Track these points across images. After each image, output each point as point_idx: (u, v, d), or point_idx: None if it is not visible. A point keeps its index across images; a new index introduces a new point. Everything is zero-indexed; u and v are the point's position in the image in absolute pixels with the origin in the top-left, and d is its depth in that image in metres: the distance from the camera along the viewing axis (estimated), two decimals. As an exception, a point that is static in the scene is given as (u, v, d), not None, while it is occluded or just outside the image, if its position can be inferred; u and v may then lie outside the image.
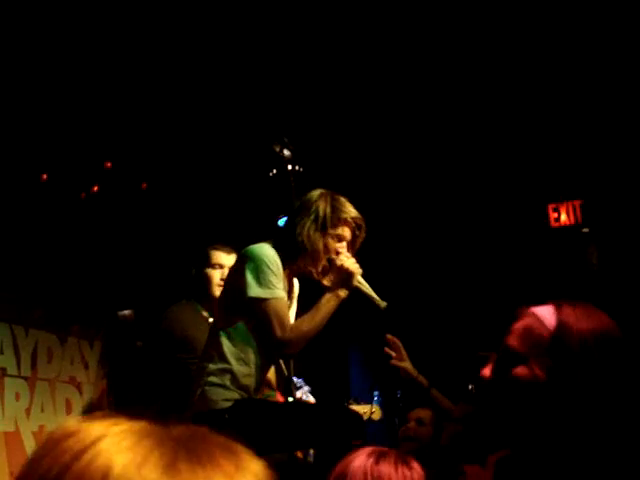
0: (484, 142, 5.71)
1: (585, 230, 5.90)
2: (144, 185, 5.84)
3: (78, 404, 5.75)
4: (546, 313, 1.56)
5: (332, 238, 3.27)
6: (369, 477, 1.85)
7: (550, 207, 6.06)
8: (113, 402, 5.75)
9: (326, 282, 3.29)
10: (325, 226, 3.25)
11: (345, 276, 3.21)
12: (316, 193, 3.33)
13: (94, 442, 0.68)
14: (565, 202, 6.01)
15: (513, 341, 1.55)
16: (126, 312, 5.86)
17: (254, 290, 3.15)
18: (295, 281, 3.47)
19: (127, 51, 4.82)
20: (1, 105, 4.84)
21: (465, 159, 5.84)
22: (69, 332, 5.82)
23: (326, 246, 3.26)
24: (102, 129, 5.31)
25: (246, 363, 3.21)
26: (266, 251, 3.21)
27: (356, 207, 3.37)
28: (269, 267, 3.16)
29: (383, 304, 3.28)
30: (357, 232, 3.34)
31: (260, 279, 3.15)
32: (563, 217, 5.98)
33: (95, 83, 4.97)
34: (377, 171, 5.97)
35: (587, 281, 5.60)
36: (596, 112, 5.48)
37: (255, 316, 3.18)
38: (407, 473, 1.89)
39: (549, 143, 5.72)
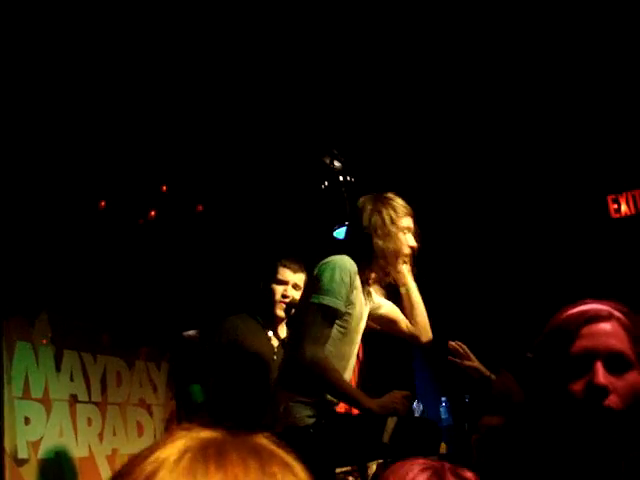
0: (542, 134, 5.63)
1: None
2: (200, 207, 5.90)
3: (149, 426, 5.83)
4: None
5: (402, 232, 3.29)
6: None
7: (610, 198, 5.94)
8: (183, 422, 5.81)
9: (401, 282, 3.33)
10: (394, 222, 3.26)
11: (391, 407, 3.15)
12: (367, 198, 3.36)
13: (156, 449, 0.78)
14: (625, 192, 5.89)
15: (619, 345, 1.49)
16: (191, 332, 5.91)
17: (321, 297, 3.15)
18: (379, 298, 3.46)
19: (178, 77, 4.88)
20: (59, 135, 4.95)
21: (523, 153, 5.77)
22: (136, 355, 5.92)
23: (401, 241, 3.27)
24: (157, 153, 5.39)
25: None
26: (345, 262, 3.21)
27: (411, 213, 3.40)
28: (343, 279, 3.16)
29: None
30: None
31: (331, 287, 3.14)
32: (623, 208, 5.86)
33: (148, 109, 5.05)
34: (429, 173, 5.93)
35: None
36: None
37: (306, 317, 3.17)
38: None
39: (607, 133, 5.61)
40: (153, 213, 5.70)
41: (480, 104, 5.45)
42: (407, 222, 3.33)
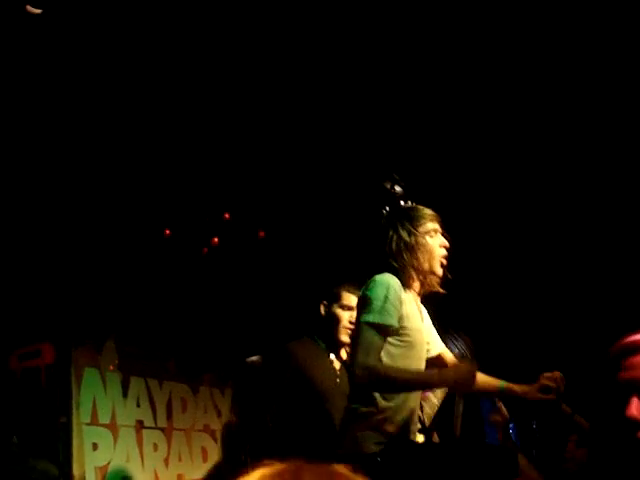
0: (583, 145, 5.54)
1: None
2: (262, 233, 5.95)
3: (214, 452, 5.86)
4: None
5: (428, 236, 3.27)
6: None
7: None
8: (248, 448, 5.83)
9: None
10: (412, 233, 3.25)
11: (464, 381, 3.13)
12: (386, 218, 3.36)
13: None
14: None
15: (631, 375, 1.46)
16: (254, 358, 5.94)
17: (367, 316, 3.15)
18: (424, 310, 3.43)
19: (240, 105, 4.96)
20: (124, 165, 5.06)
21: (568, 168, 5.68)
22: (201, 381, 5.97)
23: (427, 248, 3.25)
24: (219, 182, 5.47)
25: (394, 398, 3.17)
26: (387, 279, 3.20)
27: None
28: (387, 295, 3.14)
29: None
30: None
31: (375, 305, 3.14)
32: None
33: (211, 138, 5.14)
34: (487, 198, 5.88)
35: None
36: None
37: (357, 337, 3.16)
38: None
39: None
40: (216, 240, 5.77)
41: (531, 127, 5.40)
42: (430, 226, 3.30)
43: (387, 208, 3.73)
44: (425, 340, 3.34)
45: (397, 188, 3.67)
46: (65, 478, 4.92)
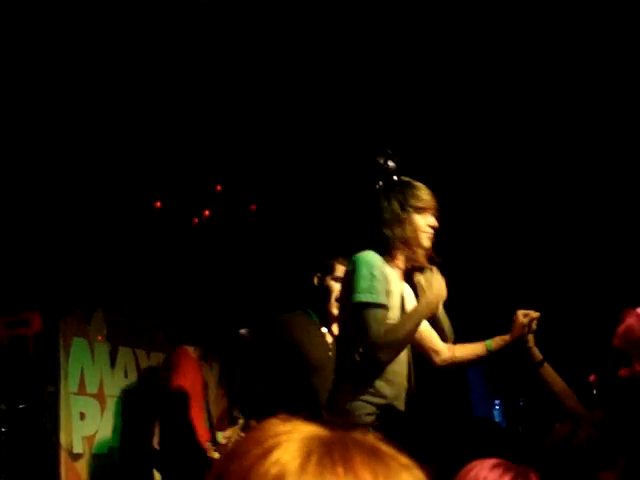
0: (581, 142, 5.54)
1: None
2: (253, 206, 5.93)
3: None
4: None
5: (417, 213, 3.27)
6: None
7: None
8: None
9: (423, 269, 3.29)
10: (403, 207, 3.26)
11: (440, 291, 3.19)
12: (379, 190, 3.37)
13: (272, 449, 0.74)
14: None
15: (617, 341, 1.50)
16: (243, 331, 5.95)
17: (357, 296, 3.15)
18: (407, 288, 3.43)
19: (231, 78, 4.92)
20: (116, 137, 5.03)
21: (568, 162, 5.68)
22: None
23: (415, 224, 3.25)
24: (211, 154, 5.44)
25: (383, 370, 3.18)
26: (370, 257, 3.21)
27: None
28: (372, 273, 3.15)
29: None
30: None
31: (363, 284, 3.14)
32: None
33: (203, 110, 5.10)
34: (481, 176, 5.88)
35: None
36: None
37: (356, 320, 3.18)
38: None
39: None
40: (207, 213, 5.74)
41: (524, 113, 5.39)
42: (422, 204, 3.30)
43: (380, 183, 3.72)
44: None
45: (390, 163, 3.66)
46: (52, 447, 4.92)
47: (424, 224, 3.28)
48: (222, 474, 0.75)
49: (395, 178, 3.66)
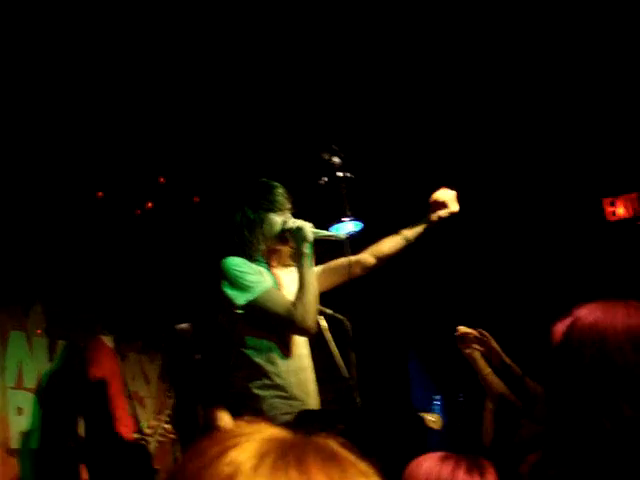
0: (539, 137, 5.62)
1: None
2: (196, 198, 5.89)
3: (142, 418, 5.81)
4: (583, 313, 1.52)
5: (270, 211, 3.35)
6: None
7: (606, 201, 5.94)
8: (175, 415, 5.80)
9: (288, 250, 3.36)
10: (252, 208, 3.35)
11: (299, 233, 3.25)
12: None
13: (229, 449, 0.74)
14: (622, 195, 5.89)
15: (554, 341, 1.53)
16: (184, 325, 5.90)
17: (240, 298, 3.16)
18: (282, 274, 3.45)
19: (175, 70, 4.87)
20: (56, 127, 4.93)
21: (521, 155, 5.77)
22: (130, 348, 5.89)
23: (266, 220, 3.32)
24: (154, 145, 5.37)
25: (277, 362, 3.22)
26: (231, 260, 3.28)
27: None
28: (240, 270, 3.22)
29: (342, 236, 3.36)
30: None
31: (239, 285, 3.18)
32: (620, 210, 5.85)
33: (146, 101, 5.04)
34: (427, 173, 5.92)
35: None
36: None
37: (257, 316, 3.20)
38: None
39: (604, 136, 5.61)
40: (150, 204, 5.68)
41: (478, 103, 5.45)
42: (275, 202, 3.37)
43: (325, 179, 3.73)
44: None
45: (335, 159, 3.67)
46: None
47: (279, 222, 3.33)
48: (179, 472, 0.75)
49: (340, 174, 3.67)
